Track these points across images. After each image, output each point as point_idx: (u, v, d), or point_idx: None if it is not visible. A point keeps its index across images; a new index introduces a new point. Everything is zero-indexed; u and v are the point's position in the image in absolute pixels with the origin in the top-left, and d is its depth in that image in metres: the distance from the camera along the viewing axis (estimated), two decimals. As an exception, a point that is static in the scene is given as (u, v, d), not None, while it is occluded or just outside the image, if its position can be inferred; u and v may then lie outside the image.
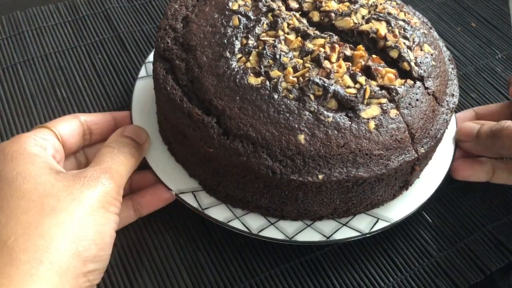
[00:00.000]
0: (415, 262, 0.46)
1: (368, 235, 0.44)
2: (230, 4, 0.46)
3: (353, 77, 0.42)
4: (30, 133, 0.39)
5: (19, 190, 0.33)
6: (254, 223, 0.43)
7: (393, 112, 0.41)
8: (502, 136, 0.44)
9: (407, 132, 0.41)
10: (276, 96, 0.40)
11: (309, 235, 0.43)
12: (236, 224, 0.43)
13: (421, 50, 0.46)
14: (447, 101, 0.45)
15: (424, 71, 0.44)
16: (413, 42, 0.46)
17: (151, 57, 0.55)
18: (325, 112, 0.40)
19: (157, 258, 0.45)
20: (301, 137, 0.39)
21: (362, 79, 0.42)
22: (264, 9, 0.46)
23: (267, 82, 0.41)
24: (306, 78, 0.41)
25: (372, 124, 0.40)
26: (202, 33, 0.44)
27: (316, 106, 0.40)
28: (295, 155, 0.39)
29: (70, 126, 0.43)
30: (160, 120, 0.48)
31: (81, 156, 0.46)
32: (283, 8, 0.47)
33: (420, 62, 0.44)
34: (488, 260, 0.47)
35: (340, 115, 0.40)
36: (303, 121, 0.39)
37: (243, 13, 0.45)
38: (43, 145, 0.39)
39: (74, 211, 0.33)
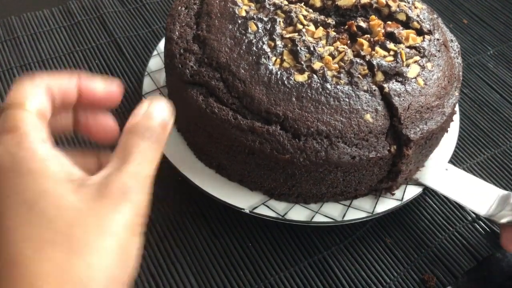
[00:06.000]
0: (414, 254, 0.47)
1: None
2: (237, 11, 0.46)
3: (383, 46, 0.44)
4: (22, 115, 0.28)
5: (43, 217, 0.27)
6: (333, 211, 0.45)
7: (429, 65, 0.44)
8: None
9: (445, 78, 0.45)
10: (329, 86, 0.41)
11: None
12: (318, 218, 0.44)
13: (415, 7, 0.49)
14: (451, 46, 0.50)
15: (428, 25, 0.48)
16: (408, 2, 0.49)
17: (152, 67, 0.54)
18: (377, 87, 0.42)
19: (163, 264, 0.45)
20: (368, 116, 0.40)
21: (391, 45, 0.44)
22: (271, 8, 0.46)
23: (314, 76, 0.42)
24: (348, 61, 0.42)
25: (420, 81, 0.43)
26: (226, 47, 0.43)
27: (368, 84, 0.42)
28: (368, 134, 0.40)
29: (41, 100, 0.29)
30: (200, 146, 0.46)
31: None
32: (285, 1, 0.47)
33: (423, 18, 0.48)
34: (479, 247, 0.48)
35: (393, 83, 0.42)
36: (363, 101, 0.41)
37: (255, 17, 0.45)
38: (43, 138, 0.29)
39: (104, 247, 0.28)
